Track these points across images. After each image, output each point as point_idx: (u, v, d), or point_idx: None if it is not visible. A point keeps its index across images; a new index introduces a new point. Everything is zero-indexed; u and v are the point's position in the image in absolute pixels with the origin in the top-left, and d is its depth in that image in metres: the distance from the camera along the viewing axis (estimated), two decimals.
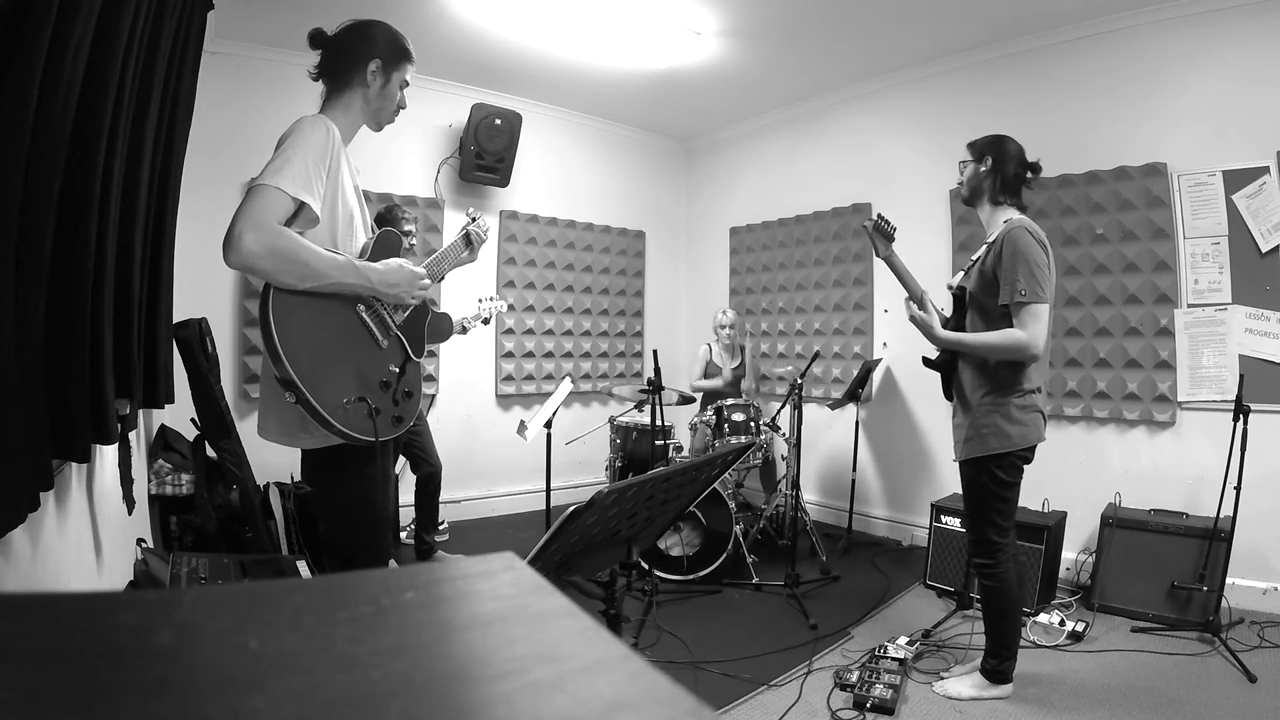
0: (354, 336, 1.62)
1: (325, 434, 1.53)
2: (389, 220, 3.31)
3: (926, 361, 2.43)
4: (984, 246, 2.29)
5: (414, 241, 3.39)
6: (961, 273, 2.40)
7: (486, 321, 3.55)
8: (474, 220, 2.12)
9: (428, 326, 1.85)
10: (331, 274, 1.52)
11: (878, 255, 2.55)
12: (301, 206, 1.49)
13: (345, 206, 1.64)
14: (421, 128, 4.50)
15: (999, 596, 2.28)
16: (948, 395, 2.41)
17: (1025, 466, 2.26)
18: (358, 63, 1.67)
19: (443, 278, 2.13)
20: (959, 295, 2.33)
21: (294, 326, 1.48)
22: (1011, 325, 2.14)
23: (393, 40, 1.72)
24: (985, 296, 2.23)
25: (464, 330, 3.53)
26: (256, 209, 1.43)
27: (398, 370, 1.70)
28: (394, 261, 1.68)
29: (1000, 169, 2.26)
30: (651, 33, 3.78)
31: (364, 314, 1.64)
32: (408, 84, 1.76)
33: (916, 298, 2.44)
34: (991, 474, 2.22)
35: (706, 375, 4.48)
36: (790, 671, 2.53)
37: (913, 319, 2.24)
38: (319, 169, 1.53)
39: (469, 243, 2.05)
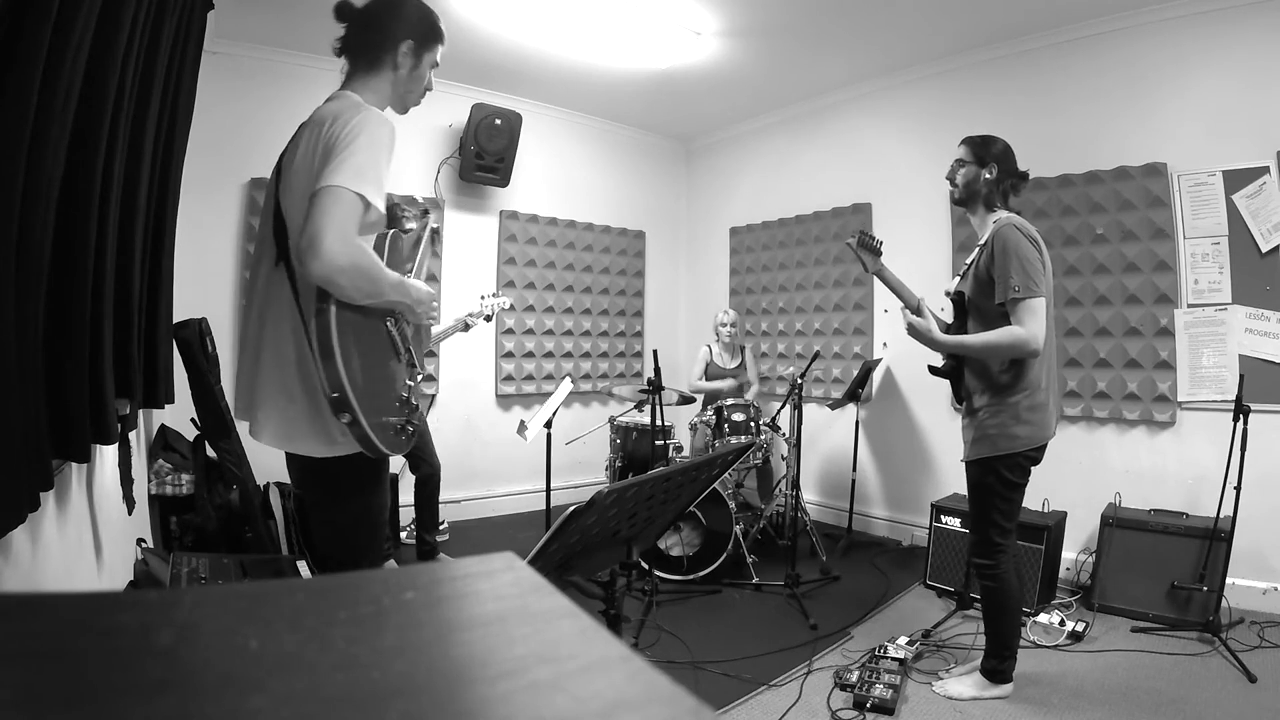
0: (383, 351, 1.56)
1: (328, 443, 1.47)
2: (391, 219, 3.29)
3: (933, 369, 2.42)
4: (976, 249, 2.29)
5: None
6: (958, 278, 2.40)
7: (489, 319, 3.59)
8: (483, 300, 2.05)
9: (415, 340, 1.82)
10: (390, 294, 1.46)
11: (866, 271, 2.54)
12: (368, 210, 1.40)
13: (382, 206, 1.58)
14: (421, 128, 4.49)
15: (999, 596, 2.28)
16: (959, 400, 2.40)
17: (1033, 468, 2.26)
18: (389, 43, 1.56)
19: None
20: (957, 300, 2.33)
21: (347, 345, 1.39)
22: (1010, 324, 2.14)
23: (426, 19, 1.61)
24: (982, 299, 2.22)
25: (466, 327, 3.57)
26: (344, 218, 1.31)
27: (410, 383, 1.66)
28: (422, 286, 1.64)
29: (1000, 179, 2.27)
30: (651, 33, 3.78)
31: (391, 327, 1.58)
32: (437, 64, 1.66)
33: (913, 307, 2.43)
34: (999, 475, 2.22)
35: (707, 375, 4.48)
36: (790, 671, 2.53)
37: (910, 328, 2.23)
38: (386, 173, 1.44)
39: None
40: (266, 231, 1.56)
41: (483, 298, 3.57)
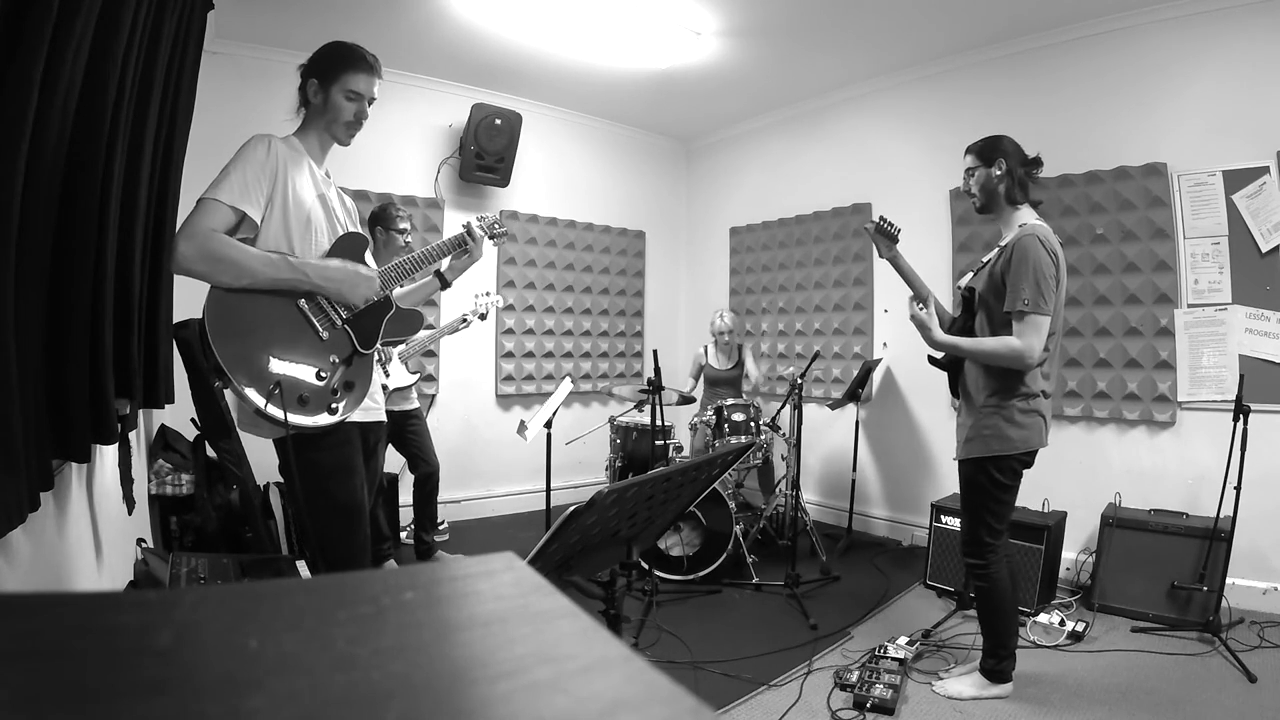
0: (291, 328, 1.70)
1: (264, 421, 1.62)
2: (381, 219, 3.31)
3: (932, 361, 2.43)
4: (996, 249, 2.28)
5: (409, 239, 3.38)
6: (971, 274, 2.40)
7: (484, 317, 3.62)
8: (480, 219, 2.20)
9: (387, 321, 1.89)
10: (264, 271, 1.64)
11: (881, 256, 2.54)
12: (243, 216, 1.64)
13: (300, 213, 1.74)
14: (421, 128, 4.49)
15: (991, 596, 2.28)
16: (955, 394, 2.40)
17: (1024, 471, 2.26)
18: (302, 86, 1.83)
19: (440, 276, 2.18)
20: (968, 296, 2.33)
21: (229, 320, 1.60)
22: (1012, 332, 2.15)
23: (326, 55, 1.81)
24: (994, 299, 2.23)
25: (465, 322, 3.61)
26: (191, 220, 1.59)
27: (339, 362, 1.75)
28: (335, 261, 1.77)
29: (1011, 170, 2.26)
30: (651, 33, 3.78)
31: (304, 307, 1.72)
32: (358, 95, 1.82)
33: (922, 298, 2.43)
34: (989, 475, 2.23)
35: (705, 379, 4.49)
36: (790, 671, 2.53)
37: (913, 319, 2.24)
38: (258, 180, 1.67)
39: (464, 240, 2.15)
40: None
41: (477, 296, 3.59)
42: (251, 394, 1.57)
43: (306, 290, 1.71)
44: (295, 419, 1.62)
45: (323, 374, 1.71)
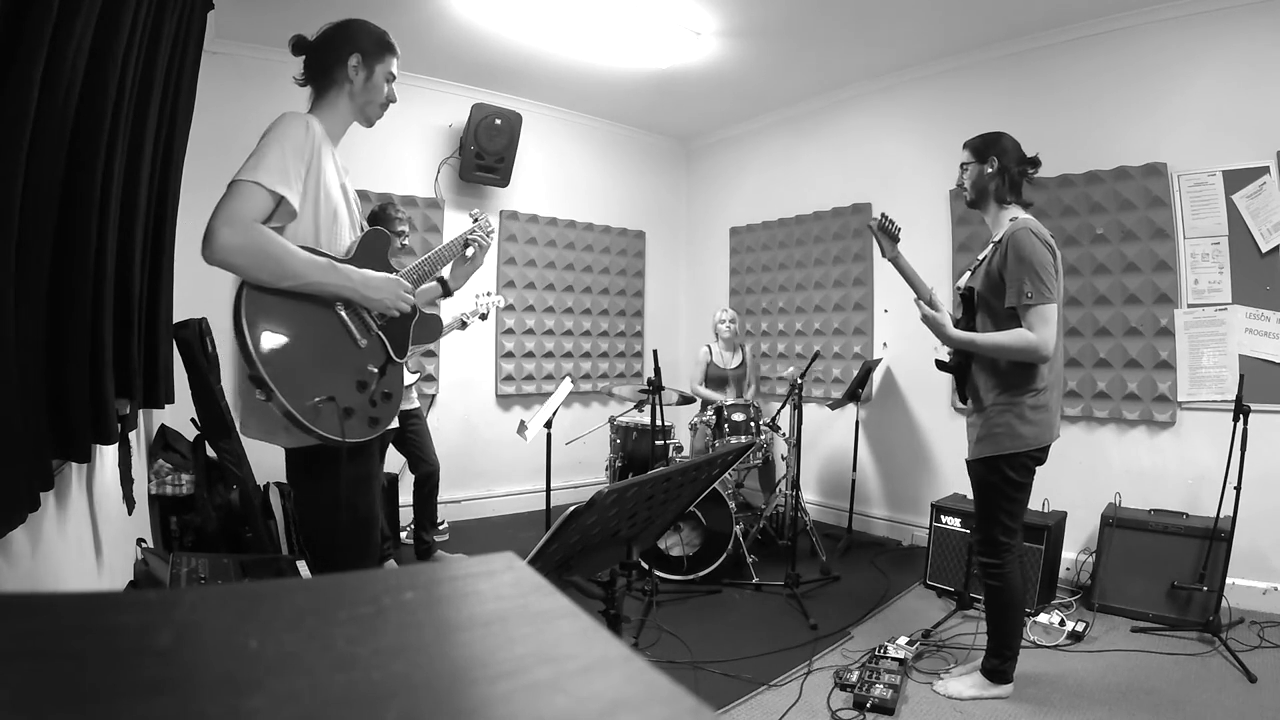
0: (331, 335, 1.59)
1: (300, 433, 1.50)
2: (382, 219, 3.30)
3: (939, 364, 2.42)
4: (990, 246, 2.28)
5: (407, 241, 3.38)
6: (968, 273, 2.39)
7: (484, 317, 3.61)
8: (475, 221, 2.09)
9: (414, 327, 1.81)
10: (309, 273, 1.51)
11: (883, 256, 2.54)
12: (280, 201, 1.48)
13: (329, 203, 1.62)
14: (421, 128, 4.49)
15: (1003, 596, 2.27)
16: (962, 398, 2.39)
17: (1037, 468, 2.26)
18: (339, 60, 1.68)
19: (443, 283, 2.12)
20: (967, 296, 2.33)
21: (267, 324, 1.46)
22: (1019, 325, 2.14)
23: (372, 34, 1.72)
24: (993, 297, 2.22)
25: (464, 325, 3.59)
26: (233, 205, 1.43)
27: (377, 371, 1.66)
28: (378, 274, 1.66)
29: (1005, 169, 2.26)
30: (651, 33, 3.78)
31: (343, 313, 1.61)
32: (394, 77, 1.75)
33: (926, 297, 2.43)
34: (1003, 474, 2.22)
35: (708, 378, 4.48)
36: (790, 671, 2.53)
37: (925, 319, 2.24)
38: (297, 163, 1.52)
39: (465, 246, 2.01)
40: None
41: (478, 296, 3.59)
42: (295, 407, 1.45)
43: (346, 297, 1.59)
44: (332, 433, 1.51)
45: (364, 384, 1.61)
